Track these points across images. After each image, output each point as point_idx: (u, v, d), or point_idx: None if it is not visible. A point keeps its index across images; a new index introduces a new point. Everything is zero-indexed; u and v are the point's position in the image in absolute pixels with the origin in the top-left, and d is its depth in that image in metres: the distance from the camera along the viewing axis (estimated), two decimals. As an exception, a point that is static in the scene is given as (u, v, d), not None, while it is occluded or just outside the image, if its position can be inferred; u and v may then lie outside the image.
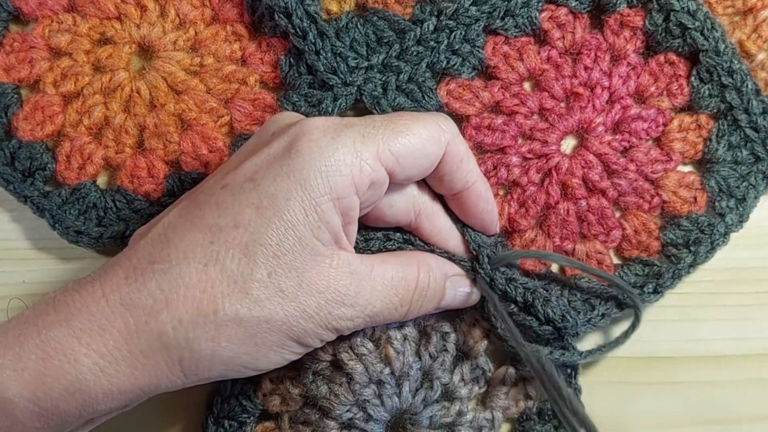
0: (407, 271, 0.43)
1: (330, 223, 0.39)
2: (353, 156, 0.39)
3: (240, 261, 0.38)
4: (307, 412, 0.47)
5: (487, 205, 0.46)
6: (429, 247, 0.46)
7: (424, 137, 0.41)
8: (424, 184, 0.45)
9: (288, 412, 0.48)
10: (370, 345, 0.46)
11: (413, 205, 0.45)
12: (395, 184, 0.43)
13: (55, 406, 0.36)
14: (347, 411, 0.46)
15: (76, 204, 0.50)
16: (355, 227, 0.42)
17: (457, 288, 0.46)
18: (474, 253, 0.46)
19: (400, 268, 0.43)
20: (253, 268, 0.38)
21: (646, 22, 0.50)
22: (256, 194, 0.38)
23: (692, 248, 0.48)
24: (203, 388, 0.49)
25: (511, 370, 0.48)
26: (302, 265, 0.39)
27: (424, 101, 0.49)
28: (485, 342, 0.48)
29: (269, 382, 0.48)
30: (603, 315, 0.48)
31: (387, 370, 0.46)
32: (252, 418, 0.49)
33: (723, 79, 0.49)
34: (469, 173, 0.44)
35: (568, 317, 0.46)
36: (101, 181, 0.51)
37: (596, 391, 0.49)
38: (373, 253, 0.46)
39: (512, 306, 0.46)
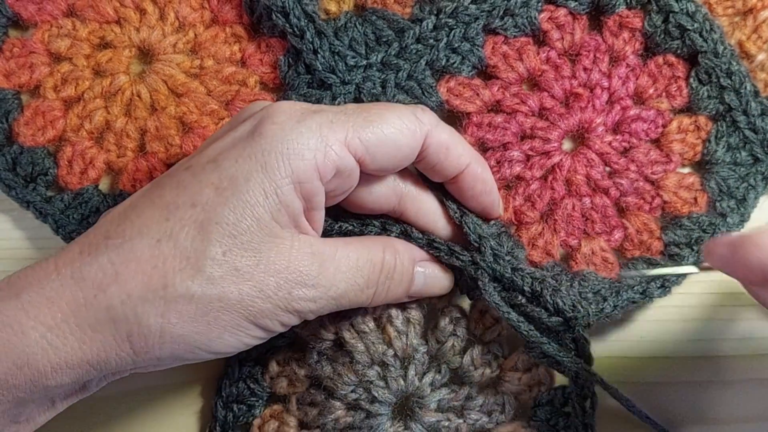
0: (372, 253, 0.42)
1: (290, 207, 0.38)
2: (318, 141, 0.38)
3: (194, 238, 0.37)
4: (313, 393, 0.48)
5: (485, 185, 0.45)
6: (427, 237, 0.45)
7: (397, 127, 0.40)
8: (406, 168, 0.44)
9: (295, 394, 0.48)
10: (371, 324, 0.47)
11: (394, 191, 0.44)
12: (371, 174, 0.42)
13: (4, 380, 0.36)
14: (352, 391, 0.46)
15: (78, 209, 0.50)
16: (321, 214, 0.41)
17: (426, 271, 0.45)
18: (476, 244, 0.45)
19: (365, 249, 0.42)
20: (207, 245, 0.37)
21: (645, 24, 0.50)
22: (216, 174, 0.38)
23: (695, 247, 0.49)
24: (214, 371, 0.50)
25: (524, 357, 0.48)
26: (259, 246, 0.38)
27: (424, 98, 0.49)
28: (498, 327, 0.48)
29: (276, 364, 0.49)
30: (615, 306, 0.47)
31: (390, 352, 0.47)
32: (260, 401, 0.49)
33: (722, 80, 0.49)
34: (460, 157, 0.43)
35: (579, 307, 0.44)
36: (103, 185, 0.51)
37: (596, 391, 0.49)
38: None
39: (519, 297, 0.45)
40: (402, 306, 0.47)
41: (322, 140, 0.39)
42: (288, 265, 0.39)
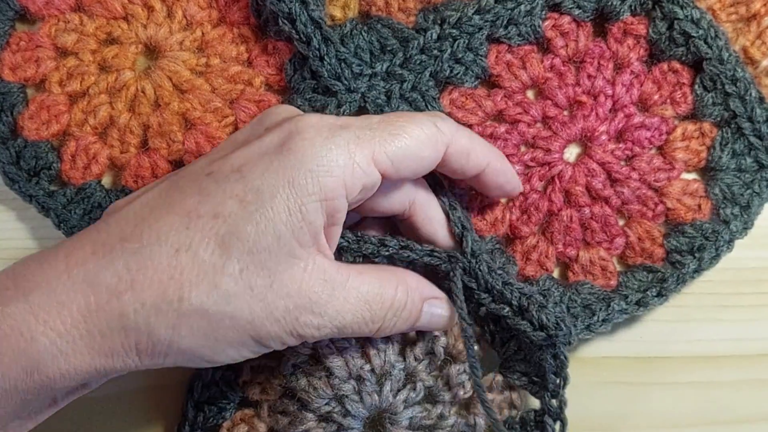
0: (384, 288, 0.42)
1: (312, 224, 0.38)
2: (346, 158, 0.39)
3: (213, 252, 0.37)
4: (286, 402, 0.47)
5: (506, 176, 0.46)
6: (426, 248, 0.46)
7: (420, 140, 0.41)
8: None
9: (267, 401, 0.48)
10: (352, 340, 0.46)
11: (408, 195, 0.45)
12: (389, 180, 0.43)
13: (13, 387, 0.36)
14: (325, 404, 0.46)
15: (81, 204, 0.49)
16: (339, 230, 0.41)
17: (433, 310, 0.45)
18: (475, 262, 0.46)
19: (378, 283, 0.42)
20: (226, 261, 0.37)
21: (650, 31, 0.50)
22: (241, 186, 0.38)
23: (697, 255, 0.49)
24: (185, 372, 0.49)
25: (499, 378, 0.48)
26: (276, 266, 0.38)
27: (427, 110, 0.49)
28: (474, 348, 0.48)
29: (250, 370, 0.48)
30: (604, 320, 0.48)
31: (367, 367, 0.46)
32: (232, 404, 0.49)
33: (726, 87, 0.49)
34: (480, 159, 0.44)
35: (562, 325, 0.45)
36: (106, 180, 0.51)
37: (596, 391, 0.49)
38: (363, 256, 0.46)
39: (506, 309, 0.46)
40: None
41: (351, 157, 0.39)
42: (299, 290, 0.38)
